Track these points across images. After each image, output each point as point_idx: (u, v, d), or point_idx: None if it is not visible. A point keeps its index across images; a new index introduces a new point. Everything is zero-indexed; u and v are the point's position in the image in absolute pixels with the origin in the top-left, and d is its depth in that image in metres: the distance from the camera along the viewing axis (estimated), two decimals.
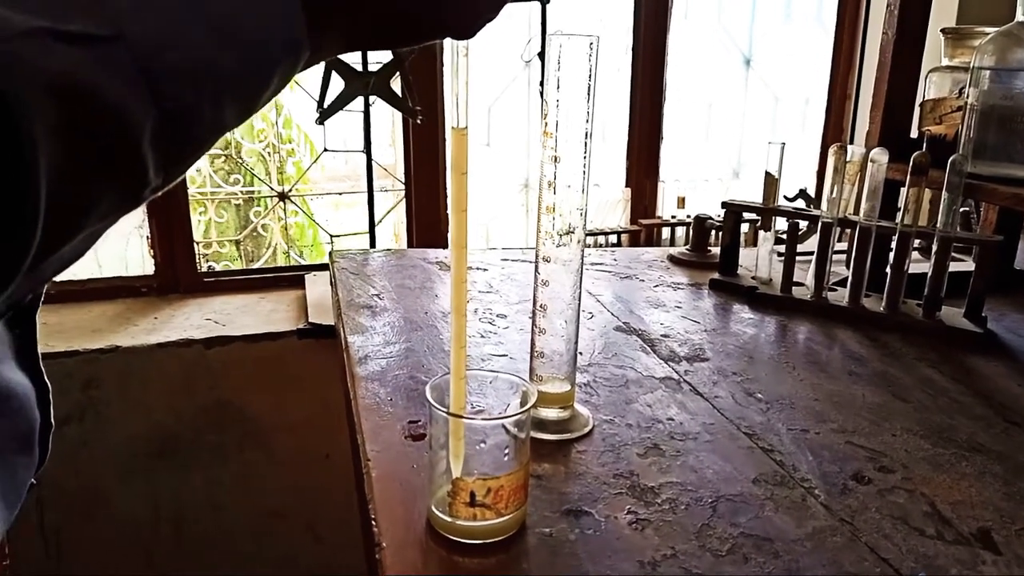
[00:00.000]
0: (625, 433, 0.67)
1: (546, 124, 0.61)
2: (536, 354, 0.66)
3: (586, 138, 0.61)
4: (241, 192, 1.95)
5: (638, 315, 0.97)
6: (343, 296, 0.98)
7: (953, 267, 0.94)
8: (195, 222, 1.93)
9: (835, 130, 2.23)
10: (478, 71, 1.94)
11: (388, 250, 1.21)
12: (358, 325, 0.88)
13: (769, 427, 0.70)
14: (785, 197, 1.90)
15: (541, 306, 0.65)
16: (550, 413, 0.67)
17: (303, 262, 2.01)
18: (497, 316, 0.94)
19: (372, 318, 0.91)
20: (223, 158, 1.91)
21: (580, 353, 0.83)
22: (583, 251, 0.64)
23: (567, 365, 0.67)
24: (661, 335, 0.91)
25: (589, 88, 0.59)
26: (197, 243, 1.81)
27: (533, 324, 0.66)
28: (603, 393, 0.75)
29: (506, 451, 0.51)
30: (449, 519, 0.51)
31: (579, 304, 0.65)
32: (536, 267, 0.64)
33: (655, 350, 0.86)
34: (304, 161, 2.05)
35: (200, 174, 1.92)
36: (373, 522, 0.53)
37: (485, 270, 1.12)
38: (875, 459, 0.65)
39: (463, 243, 0.51)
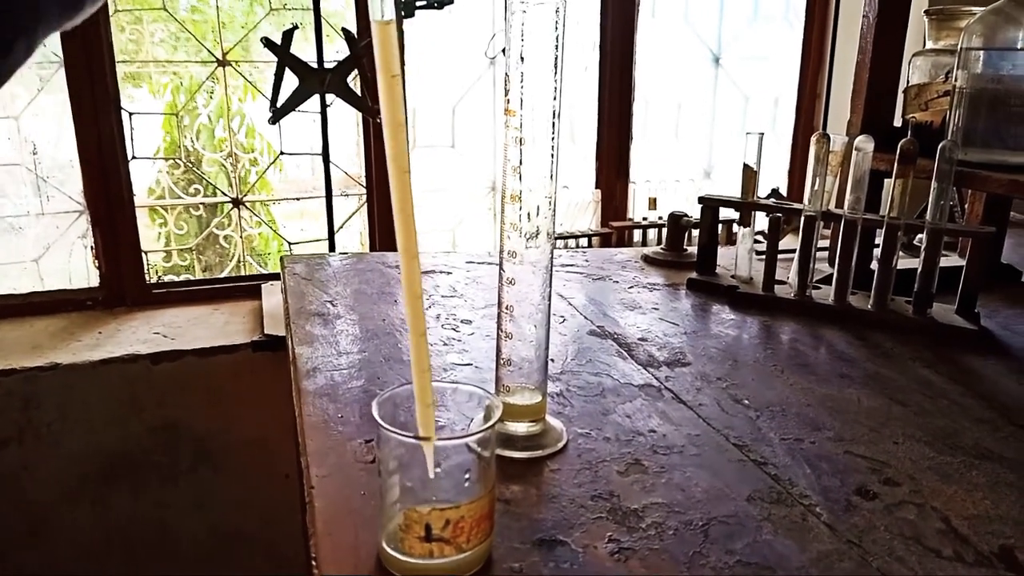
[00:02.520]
0: (603, 448, 0.60)
1: (508, 101, 0.54)
2: (503, 362, 0.59)
3: (554, 117, 0.55)
4: (200, 203, 1.85)
5: (613, 318, 0.90)
6: (293, 304, 0.90)
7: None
8: (155, 234, 1.83)
9: (806, 129, 2.20)
10: (440, 70, 1.87)
11: (344, 254, 1.13)
12: (307, 335, 0.81)
13: (760, 437, 0.63)
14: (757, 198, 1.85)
15: (507, 308, 0.58)
16: (519, 428, 0.60)
17: (267, 272, 1.91)
18: (461, 322, 0.87)
19: (323, 327, 0.83)
20: (182, 168, 1.82)
21: (551, 360, 0.76)
22: (553, 245, 0.57)
23: (537, 373, 0.60)
24: (638, 339, 0.84)
25: (556, 60, 0.53)
26: (145, 253, 1.72)
27: (499, 329, 0.59)
28: (577, 403, 0.68)
29: (467, 475, 0.44)
30: (401, 557, 0.43)
31: (549, 305, 0.58)
32: (501, 264, 0.57)
33: (632, 355, 0.79)
34: (268, 171, 1.96)
35: (159, 185, 1.82)
36: (313, 560, 0.46)
37: (449, 273, 1.05)
38: (878, 470, 0.59)
39: (409, 209, 0.42)
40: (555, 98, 0.54)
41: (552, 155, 0.55)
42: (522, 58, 0.53)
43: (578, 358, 0.78)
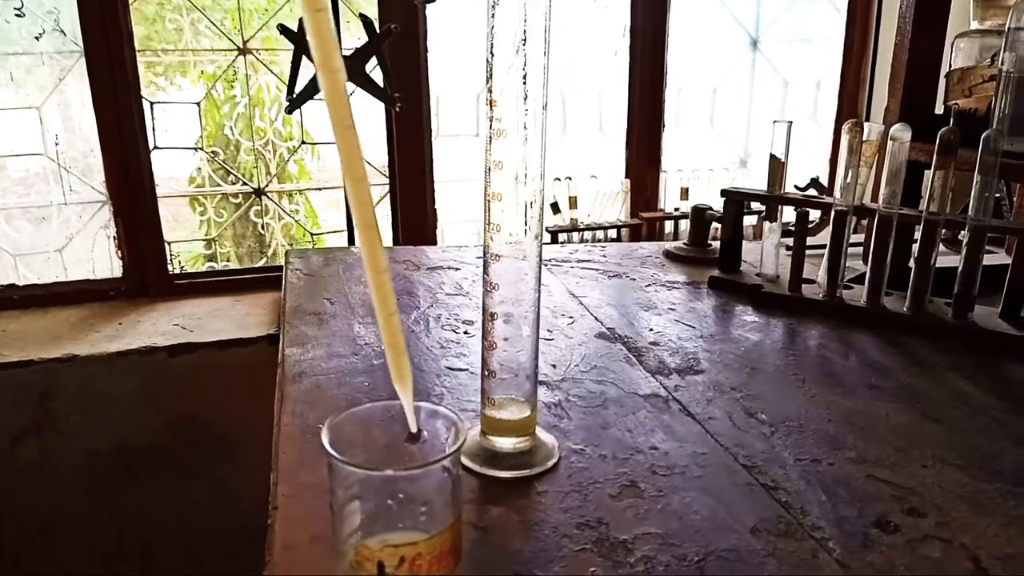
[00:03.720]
0: (597, 467, 0.55)
1: (491, 90, 0.49)
2: (488, 373, 0.55)
3: (543, 108, 0.50)
4: (231, 192, 1.83)
5: (626, 319, 0.85)
6: (290, 302, 0.86)
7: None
8: (196, 222, 1.82)
9: (848, 115, 2.10)
10: (463, 57, 1.82)
11: (352, 248, 1.10)
12: (299, 335, 0.77)
13: (773, 457, 0.58)
14: (796, 187, 1.77)
15: (491, 314, 0.53)
16: (505, 444, 0.55)
17: None
18: (463, 323, 0.82)
19: (318, 327, 0.79)
20: (217, 156, 1.80)
21: (553, 366, 0.72)
22: (541, 245, 0.52)
23: (527, 384, 0.55)
24: (650, 343, 0.79)
25: (545, 40, 0.48)
26: (168, 243, 1.71)
27: (483, 337, 0.54)
28: (575, 415, 0.63)
29: (424, 507, 0.39)
30: None
31: (538, 309, 0.54)
32: (485, 267, 0.53)
33: (642, 361, 0.74)
34: (306, 159, 1.93)
35: (200, 173, 1.81)
36: None
37: (457, 269, 1.00)
38: (902, 498, 0.53)
39: (361, 173, 0.37)
40: (543, 85, 0.49)
41: (541, 148, 0.51)
42: (524, 40, 0.48)
43: (582, 364, 0.73)
